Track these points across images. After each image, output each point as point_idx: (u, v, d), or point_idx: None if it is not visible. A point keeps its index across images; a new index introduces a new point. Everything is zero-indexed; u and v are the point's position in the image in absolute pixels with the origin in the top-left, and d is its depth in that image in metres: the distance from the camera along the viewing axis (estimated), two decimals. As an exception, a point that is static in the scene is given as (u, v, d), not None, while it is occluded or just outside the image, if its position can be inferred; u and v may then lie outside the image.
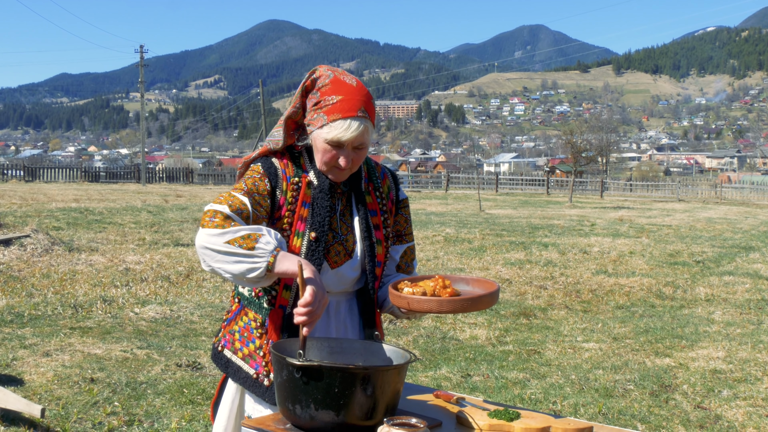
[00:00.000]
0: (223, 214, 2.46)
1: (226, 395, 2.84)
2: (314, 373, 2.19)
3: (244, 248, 2.40)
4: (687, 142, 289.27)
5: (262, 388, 2.67)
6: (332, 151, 2.61)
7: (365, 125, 2.61)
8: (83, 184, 44.93)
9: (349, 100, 2.59)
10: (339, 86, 2.62)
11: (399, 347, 2.48)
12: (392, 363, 2.43)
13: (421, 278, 2.61)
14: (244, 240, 2.40)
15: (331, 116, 2.58)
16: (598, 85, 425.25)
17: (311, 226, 2.63)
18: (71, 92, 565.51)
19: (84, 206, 22.90)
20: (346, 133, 2.57)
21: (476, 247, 16.56)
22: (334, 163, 2.63)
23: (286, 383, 2.25)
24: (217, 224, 2.44)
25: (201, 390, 6.25)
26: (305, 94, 2.68)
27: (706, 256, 16.12)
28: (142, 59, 59.31)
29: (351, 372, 2.20)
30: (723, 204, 43.58)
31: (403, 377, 2.35)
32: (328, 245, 2.67)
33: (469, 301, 2.44)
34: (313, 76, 2.67)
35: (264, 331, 2.68)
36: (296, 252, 2.63)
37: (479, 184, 40.30)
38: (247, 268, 2.41)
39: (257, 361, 2.68)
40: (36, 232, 13.91)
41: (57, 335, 7.81)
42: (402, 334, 8.56)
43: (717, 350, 8.11)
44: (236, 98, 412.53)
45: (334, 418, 2.21)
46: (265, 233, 2.43)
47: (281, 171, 2.67)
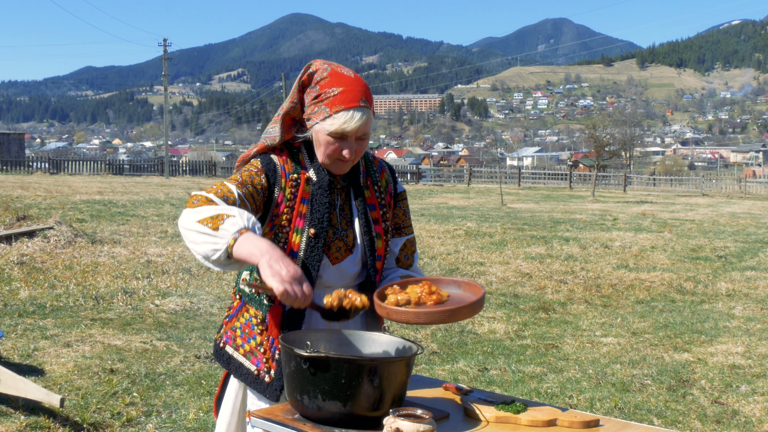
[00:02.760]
0: (206, 198, 2.46)
1: (229, 391, 2.85)
2: (322, 364, 2.21)
3: (210, 227, 2.35)
4: (711, 137, 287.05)
5: (263, 385, 2.69)
6: (336, 143, 2.61)
7: (368, 115, 2.62)
8: (107, 177, 45.23)
9: (350, 91, 2.60)
10: (338, 78, 2.63)
11: (407, 339, 2.49)
12: (400, 355, 2.45)
13: (409, 282, 2.60)
14: (212, 220, 2.36)
15: (334, 108, 2.59)
16: (621, 79, 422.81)
17: (310, 222, 2.64)
18: (96, 85, 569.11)
19: (107, 199, 23.07)
20: (350, 124, 2.58)
21: (497, 241, 16.54)
22: (338, 155, 2.63)
23: (294, 374, 2.28)
24: (200, 203, 2.44)
25: (219, 382, 6.29)
26: (302, 90, 2.69)
27: (728, 251, 16.02)
28: (166, 52, 59.54)
29: (358, 363, 2.22)
30: (747, 199, 43.22)
31: (411, 369, 2.37)
32: (329, 241, 2.68)
33: (447, 313, 2.42)
34: (309, 70, 2.67)
35: (264, 328, 2.69)
36: (295, 249, 2.64)
37: (501, 178, 40.19)
38: (211, 249, 2.35)
39: (258, 357, 2.70)
40: (59, 224, 14.03)
41: (78, 326, 7.90)
42: (420, 328, 8.58)
43: (736, 345, 8.07)
44: (259, 91, 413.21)
45: (341, 408, 2.23)
46: (236, 215, 2.37)
47: (280, 167, 2.67)
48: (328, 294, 2.51)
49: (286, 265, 2.29)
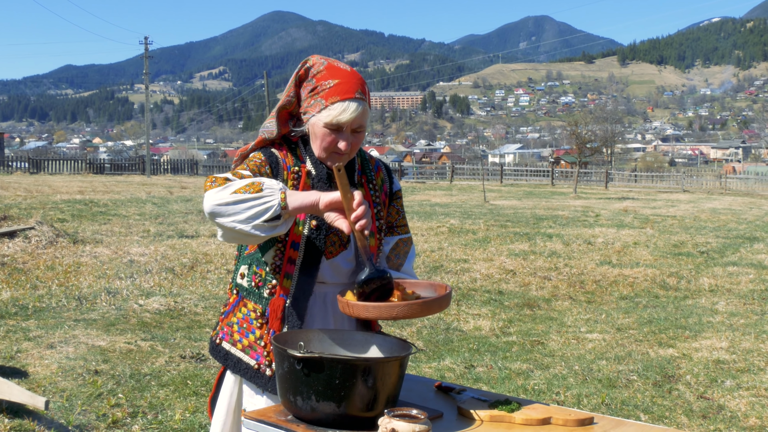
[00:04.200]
0: (223, 178, 2.46)
1: (224, 390, 2.83)
2: (315, 364, 2.20)
3: (252, 192, 2.37)
4: (692, 133, 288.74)
5: (264, 379, 2.66)
6: (331, 135, 2.62)
7: (363, 107, 2.63)
8: (88, 176, 44.95)
9: (346, 83, 2.62)
10: (334, 71, 2.64)
11: (400, 338, 2.48)
12: (393, 354, 2.43)
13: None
14: (249, 186, 2.39)
15: (330, 99, 2.60)
16: (603, 76, 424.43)
17: (311, 214, 2.63)
18: (76, 84, 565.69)
19: (89, 198, 22.92)
20: (345, 115, 2.58)
21: (480, 238, 16.55)
22: (334, 148, 2.64)
23: (288, 375, 2.26)
24: (219, 183, 2.44)
25: (205, 382, 6.26)
26: (299, 84, 2.70)
27: (710, 246, 16.11)
28: (147, 51, 59.25)
29: (352, 363, 2.21)
30: (728, 195, 43.50)
31: (404, 369, 2.35)
32: (327, 232, 2.68)
33: (418, 306, 2.40)
34: (307, 65, 2.69)
35: (264, 321, 2.68)
36: (297, 241, 2.64)
37: (484, 175, 40.24)
38: (261, 209, 2.37)
39: (258, 351, 2.68)
40: (40, 224, 13.92)
41: (61, 327, 7.83)
42: (405, 325, 8.57)
43: (720, 340, 8.11)
44: (241, 90, 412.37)
45: (335, 409, 2.21)
46: (270, 180, 2.43)
47: (281, 160, 2.68)
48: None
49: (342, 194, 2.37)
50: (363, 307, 2.40)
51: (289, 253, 2.65)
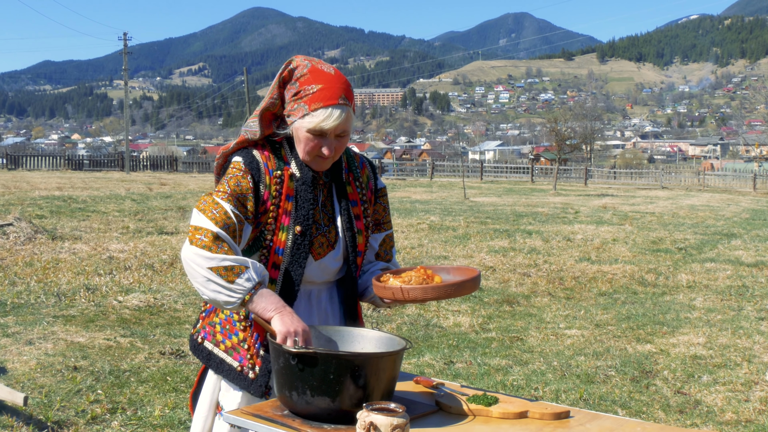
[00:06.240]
0: (212, 234, 2.45)
1: (206, 386, 2.82)
2: (310, 360, 2.22)
3: (224, 279, 2.41)
4: (670, 130, 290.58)
5: (247, 381, 2.66)
6: (315, 140, 2.60)
7: (347, 112, 2.61)
8: (66, 172, 44.69)
9: (329, 89, 2.59)
10: (318, 75, 2.61)
11: (394, 334, 2.50)
12: (388, 350, 2.45)
13: (403, 270, 2.63)
14: (226, 271, 2.42)
15: (313, 105, 2.57)
16: (582, 73, 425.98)
17: (296, 219, 2.63)
18: (54, 80, 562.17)
19: (67, 194, 22.81)
20: (329, 122, 2.56)
21: (461, 234, 16.61)
22: (317, 153, 2.62)
23: (283, 370, 2.28)
24: (205, 244, 2.44)
25: (184, 378, 6.26)
26: (283, 85, 2.67)
27: (688, 243, 16.23)
28: (126, 47, 59.00)
29: (346, 359, 2.24)
30: (706, 191, 43.82)
31: (399, 364, 2.38)
32: (312, 237, 2.67)
33: (453, 287, 2.47)
34: (290, 66, 2.66)
35: (248, 324, 2.68)
36: (281, 247, 2.63)
37: (464, 172, 40.34)
38: (223, 300, 2.45)
39: (241, 353, 2.68)
40: (19, 220, 13.84)
41: (40, 323, 7.80)
42: (386, 322, 8.60)
43: (698, 336, 8.18)
44: (221, 86, 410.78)
45: (330, 404, 2.24)
46: (249, 267, 2.44)
47: (263, 165, 2.64)
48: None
49: (296, 322, 2.39)
50: (422, 289, 2.46)
51: (273, 258, 2.64)
